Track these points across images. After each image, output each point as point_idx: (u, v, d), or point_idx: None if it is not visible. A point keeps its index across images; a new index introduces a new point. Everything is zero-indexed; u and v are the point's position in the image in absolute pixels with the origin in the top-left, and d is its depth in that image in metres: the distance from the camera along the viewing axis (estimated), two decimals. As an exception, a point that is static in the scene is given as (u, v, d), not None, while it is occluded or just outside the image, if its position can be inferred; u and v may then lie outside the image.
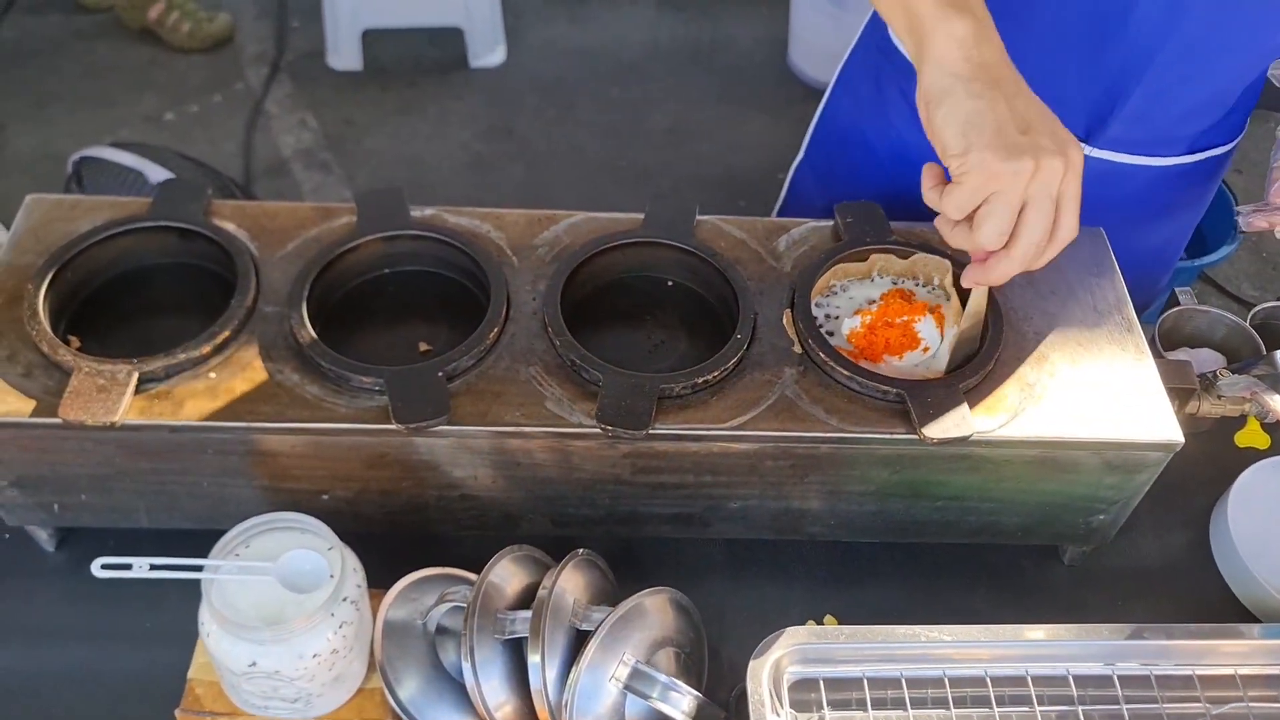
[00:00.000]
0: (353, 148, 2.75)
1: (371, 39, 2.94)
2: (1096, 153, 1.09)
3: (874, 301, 1.01)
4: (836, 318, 1.00)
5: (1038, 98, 0.80)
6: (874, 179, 1.22)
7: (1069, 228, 0.79)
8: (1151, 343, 1.08)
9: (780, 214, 1.40)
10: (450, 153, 2.75)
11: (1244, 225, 1.09)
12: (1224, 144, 1.14)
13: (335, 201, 1.05)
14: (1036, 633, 0.87)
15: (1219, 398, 1.02)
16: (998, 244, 0.79)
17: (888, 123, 1.18)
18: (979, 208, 0.78)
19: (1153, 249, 1.23)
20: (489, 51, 2.98)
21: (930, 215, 0.83)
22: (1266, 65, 1.05)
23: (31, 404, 0.87)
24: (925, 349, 0.97)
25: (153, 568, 0.79)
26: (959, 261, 0.98)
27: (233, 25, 3.01)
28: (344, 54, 2.92)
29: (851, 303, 1.02)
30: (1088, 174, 0.81)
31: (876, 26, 1.20)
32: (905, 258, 1.03)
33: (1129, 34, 0.99)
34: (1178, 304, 1.17)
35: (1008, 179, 0.76)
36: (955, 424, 0.90)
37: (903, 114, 1.15)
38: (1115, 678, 0.86)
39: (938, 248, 1.04)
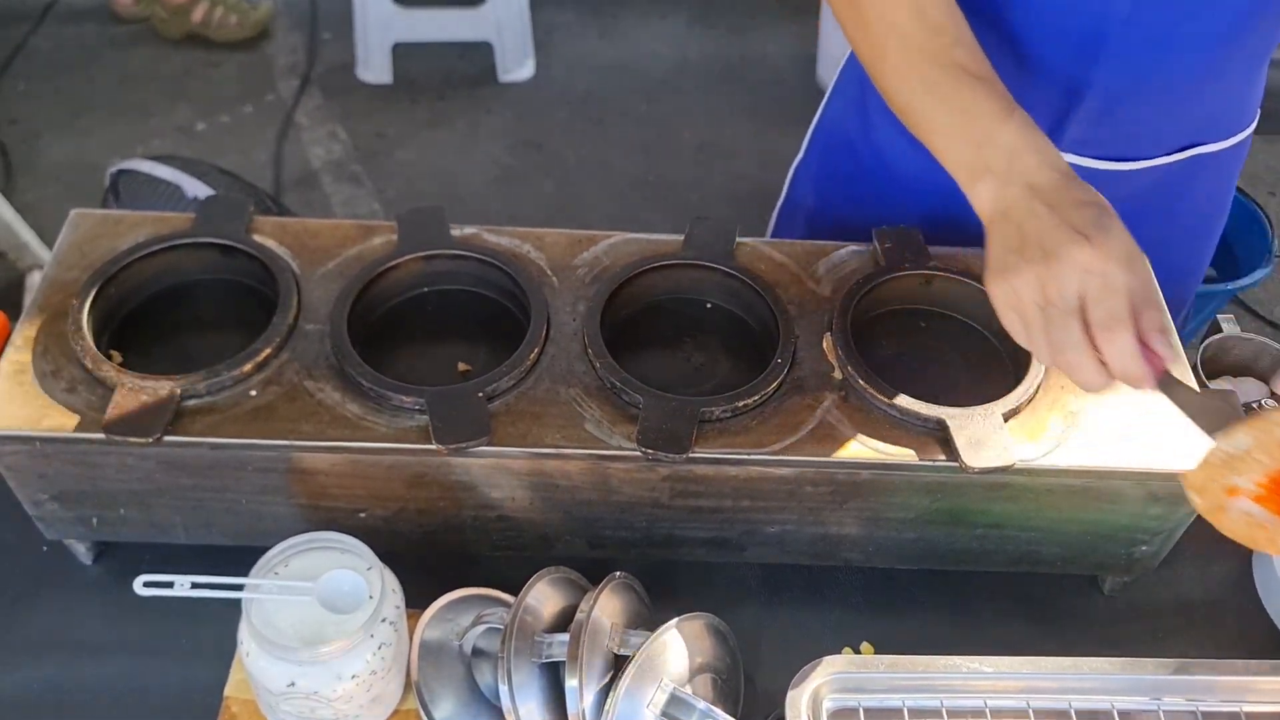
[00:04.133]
0: (382, 160, 2.76)
1: (401, 52, 2.95)
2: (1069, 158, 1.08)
3: None
4: None
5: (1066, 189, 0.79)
6: (859, 183, 1.22)
7: (1112, 313, 0.74)
8: (1194, 371, 1.07)
9: (780, 213, 1.39)
10: (480, 167, 2.76)
11: None
12: (1214, 141, 1.11)
13: (365, 214, 1.05)
14: (1080, 665, 0.86)
15: (1264, 428, 1.00)
16: (1054, 359, 0.78)
17: (871, 125, 1.17)
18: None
19: (1172, 264, 1.21)
20: (518, 66, 2.99)
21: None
22: (1229, 57, 1.03)
23: (75, 419, 0.88)
24: None
25: (194, 586, 0.79)
26: None
27: (274, 8, 3.04)
28: (374, 67, 2.94)
29: None
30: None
31: None
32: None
33: (1080, 34, 0.99)
34: (1219, 331, 1.16)
35: (1015, 295, 0.78)
36: (997, 452, 0.89)
37: (885, 115, 1.14)
38: (1161, 713, 0.85)
39: (978, 274, 1.03)
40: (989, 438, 0.90)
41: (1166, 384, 0.78)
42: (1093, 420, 0.93)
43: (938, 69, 0.87)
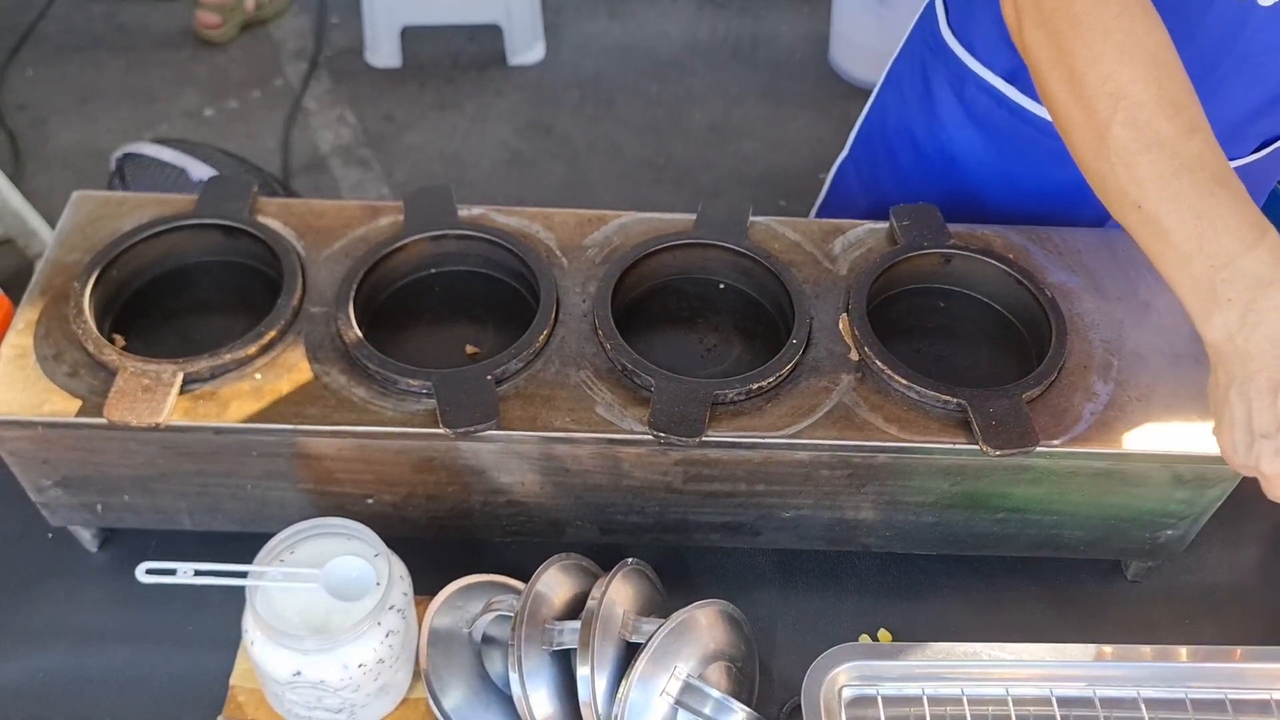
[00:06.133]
0: (391, 144, 2.74)
1: (410, 36, 2.93)
2: None
3: None
4: None
5: None
6: (920, 179, 1.18)
7: None
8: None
9: (820, 212, 1.37)
10: (489, 150, 2.74)
11: None
12: None
13: (374, 198, 1.03)
14: (1105, 652, 0.84)
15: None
16: None
17: (936, 121, 1.15)
18: None
19: None
20: (528, 48, 2.96)
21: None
22: None
23: (77, 404, 0.86)
24: None
25: (197, 573, 0.77)
26: None
27: None
28: (383, 51, 2.92)
29: None
30: None
31: (925, 22, 1.17)
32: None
33: (1196, 41, 0.95)
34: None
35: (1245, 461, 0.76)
36: (1018, 435, 0.87)
37: (952, 112, 1.12)
38: (1188, 701, 0.83)
39: (999, 253, 1.01)
40: (1010, 420, 0.87)
41: None
42: (1117, 402, 0.91)
43: (1175, 160, 0.73)
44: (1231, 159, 1.05)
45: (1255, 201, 1.17)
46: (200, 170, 1.68)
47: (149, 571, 0.77)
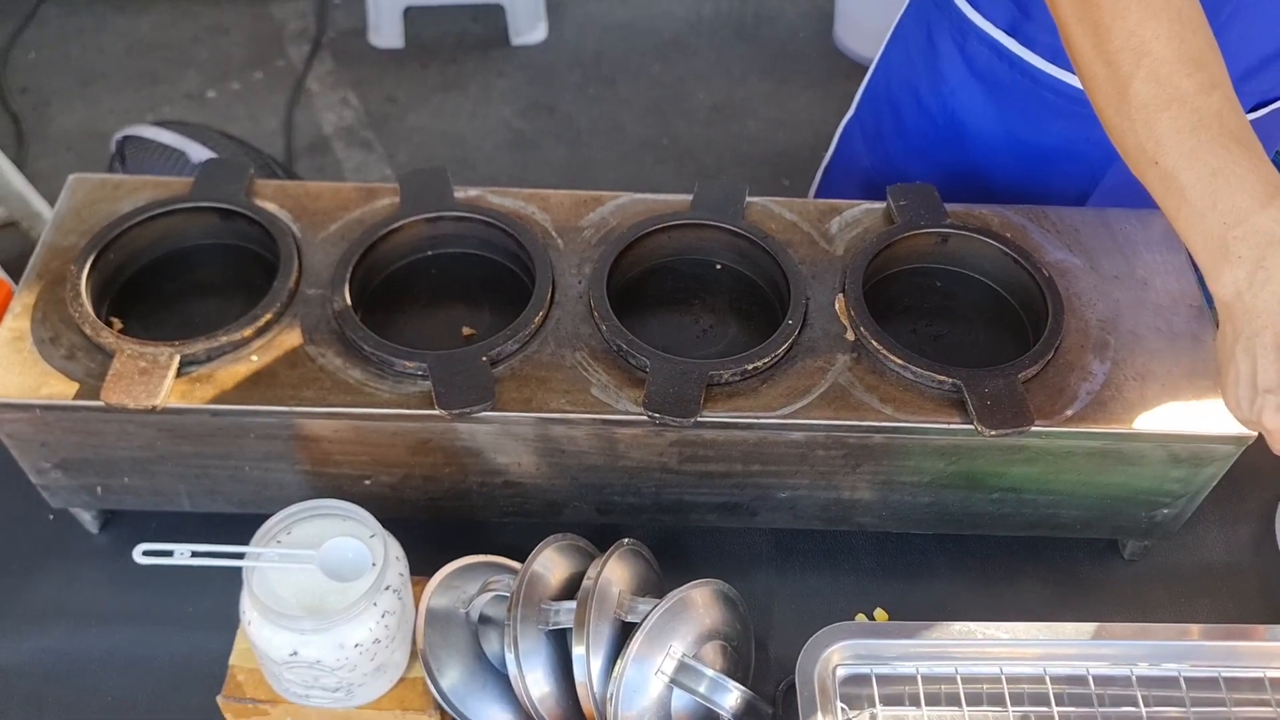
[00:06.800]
0: (394, 126, 2.73)
1: (413, 16, 2.92)
2: None
3: None
4: None
5: None
6: (923, 137, 1.18)
7: None
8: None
9: (826, 173, 1.36)
10: (492, 130, 2.73)
11: None
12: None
13: (377, 180, 1.03)
14: (1098, 632, 0.84)
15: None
16: None
17: (940, 77, 1.13)
18: None
19: None
20: (530, 28, 2.95)
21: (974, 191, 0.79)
22: None
23: (75, 386, 0.87)
24: None
25: (194, 554, 0.78)
26: None
27: None
28: (385, 31, 2.91)
29: None
30: None
31: None
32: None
33: None
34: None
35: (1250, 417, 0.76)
36: (1014, 415, 0.87)
37: (955, 67, 1.11)
38: (1181, 679, 0.83)
39: (996, 232, 1.01)
40: (1006, 400, 0.87)
41: None
42: (1113, 381, 0.91)
43: (1194, 116, 0.74)
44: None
45: None
46: (200, 153, 1.68)
47: (146, 553, 0.77)
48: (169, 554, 0.77)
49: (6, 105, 2.69)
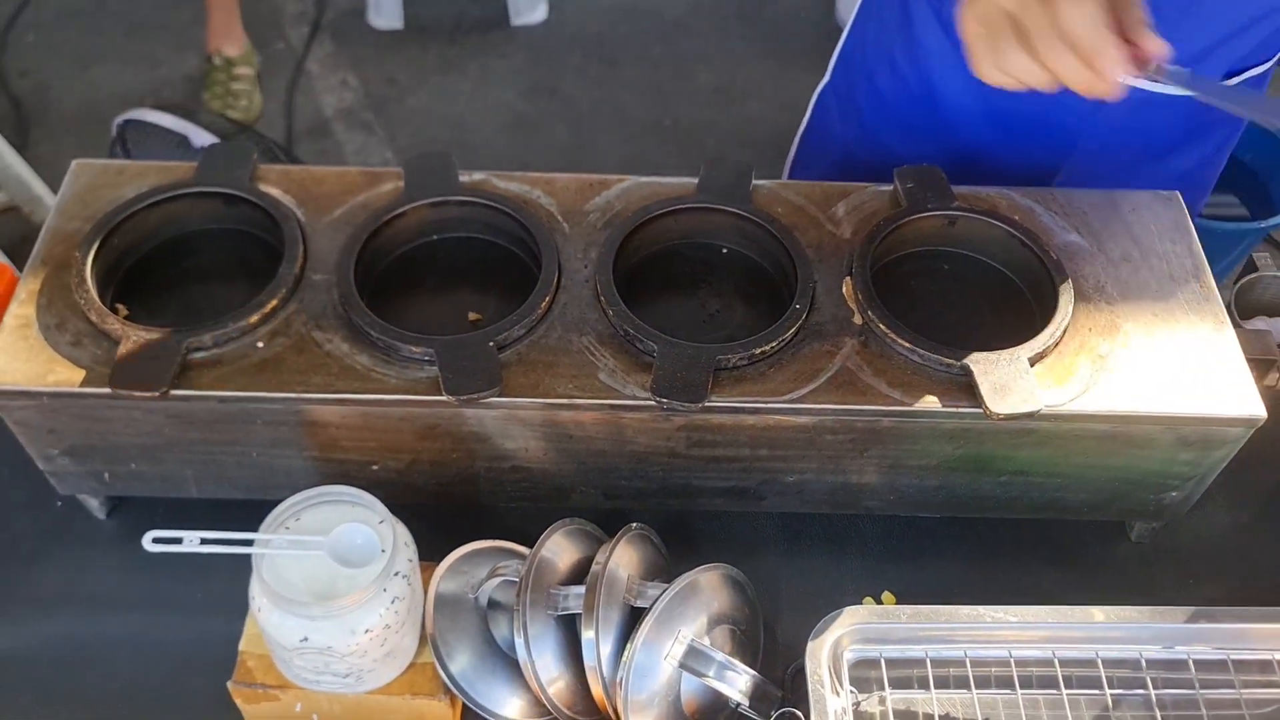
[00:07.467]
0: (394, 107, 2.72)
1: (413, -4, 2.90)
2: (1135, 81, 1.04)
3: None
4: None
5: None
6: (900, 104, 1.17)
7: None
8: (1228, 310, 1.04)
9: (802, 141, 1.35)
10: (492, 112, 2.71)
11: None
12: (1260, 64, 1.08)
13: (378, 162, 1.03)
14: (1107, 614, 0.84)
15: (1301, 369, 0.97)
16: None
17: (915, 43, 1.12)
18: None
19: (1187, 172, 1.18)
20: (531, 9, 2.93)
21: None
22: None
23: (81, 373, 0.86)
24: None
25: (203, 541, 0.78)
26: None
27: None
28: (385, 12, 2.89)
29: None
30: (1122, 105, 0.77)
31: None
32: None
33: None
34: (1255, 270, 1.12)
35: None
36: (1023, 398, 0.87)
37: (932, 32, 1.10)
38: (1190, 661, 0.83)
39: (1004, 215, 1.00)
40: (1014, 383, 0.87)
41: (1168, 75, 0.77)
42: (1122, 364, 0.91)
43: None
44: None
45: (1229, 138, 1.18)
46: (201, 136, 1.67)
47: (155, 540, 0.77)
48: (179, 541, 0.77)
49: (6, 88, 2.67)
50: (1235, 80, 1.06)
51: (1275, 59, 1.10)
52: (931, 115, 1.15)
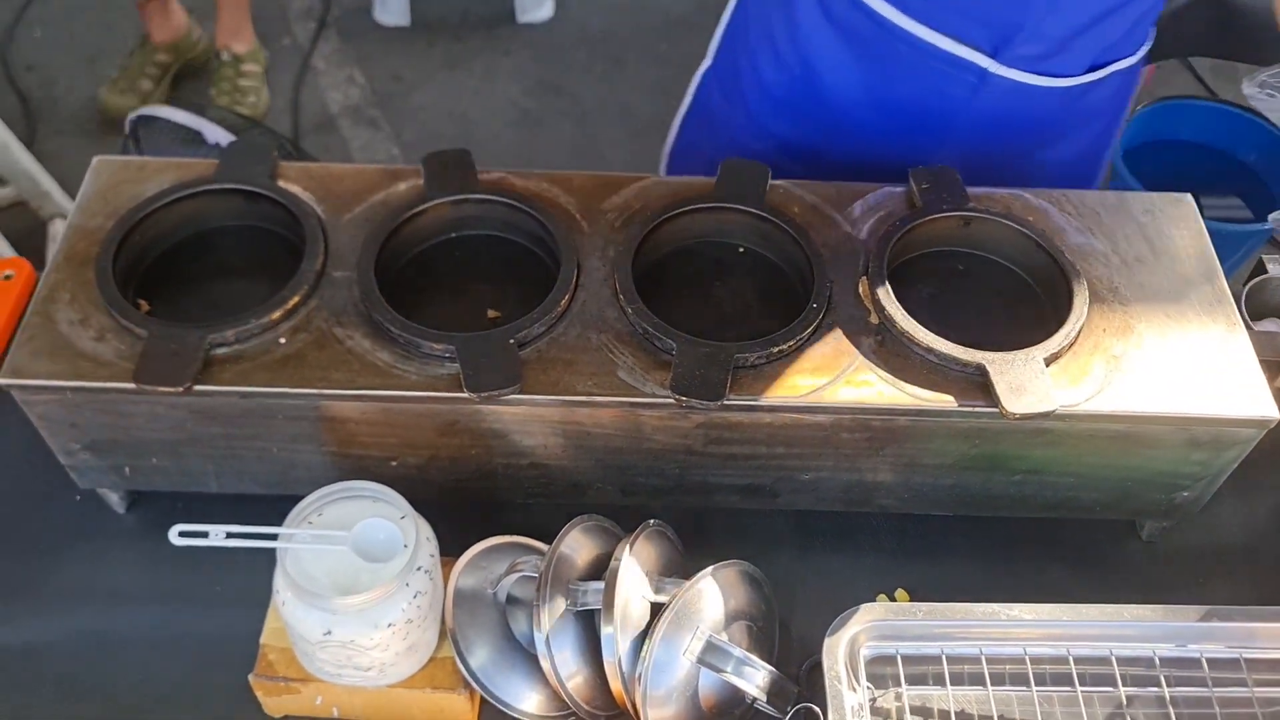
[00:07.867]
0: (400, 104, 2.72)
1: (419, -7, 2.91)
2: (1004, 71, 1.05)
3: None
4: None
5: None
6: (782, 89, 1.16)
7: None
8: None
9: (682, 126, 1.32)
10: (498, 109, 2.72)
11: None
12: (1127, 57, 1.10)
13: (384, 159, 1.03)
14: (1122, 613, 0.85)
15: (1313, 371, 0.98)
16: None
17: (796, 26, 1.12)
18: None
19: (1068, 163, 1.20)
20: (537, 6, 2.94)
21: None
22: None
23: (104, 369, 0.87)
24: None
25: (229, 536, 0.78)
26: None
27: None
28: (392, 9, 2.89)
29: None
30: (995, 93, 0.77)
31: None
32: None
33: None
34: (1264, 272, 1.13)
35: None
36: (1038, 398, 0.87)
37: (812, 15, 1.10)
38: (1203, 660, 0.84)
39: (1018, 216, 1.01)
40: (1030, 383, 0.88)
41: None
42: (1136, 365, 0.91)
43: None
44: (1064, 75, 1.07)
45: (1108, 130, 1.19)
46: (214, 132, 1.68)
47: (182, 534, 0.78)
48: (205, 535, 0.78)
49: (13, 84, 2.67)
50: (1104, 73, 1.07)
51: (1141, 52, 1.10)
52: (816, 101, 1.13)
